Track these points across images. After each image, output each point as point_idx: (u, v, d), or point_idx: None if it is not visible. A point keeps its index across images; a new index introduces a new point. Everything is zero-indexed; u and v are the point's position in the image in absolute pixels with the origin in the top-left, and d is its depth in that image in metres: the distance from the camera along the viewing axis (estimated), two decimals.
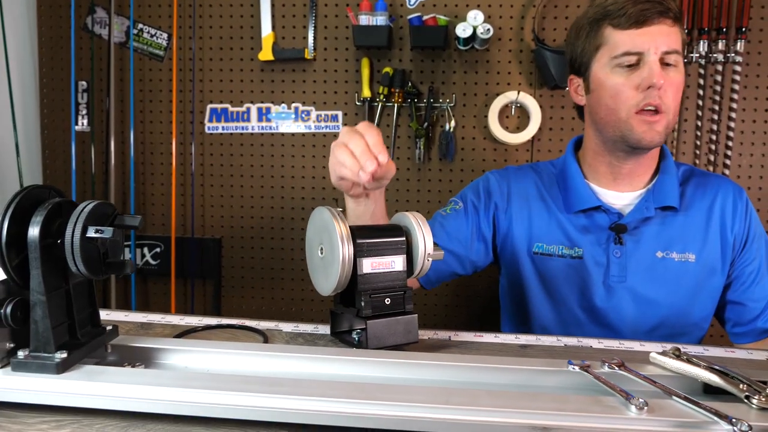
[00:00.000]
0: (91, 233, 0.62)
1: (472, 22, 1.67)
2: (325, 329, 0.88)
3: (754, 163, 1.85)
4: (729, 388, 0.56)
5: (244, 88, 1.88)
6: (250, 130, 1.89)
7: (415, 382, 0.65)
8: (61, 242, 0.62)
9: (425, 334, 0.86)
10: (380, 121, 1.84)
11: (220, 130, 1.90)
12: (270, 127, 1.89)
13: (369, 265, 0.76)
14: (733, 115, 1.82)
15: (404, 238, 0.79)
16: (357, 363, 0.68)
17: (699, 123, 1.84)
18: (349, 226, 0.74)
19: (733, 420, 0.49)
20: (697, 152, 1.84)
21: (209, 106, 1.89)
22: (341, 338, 0.83)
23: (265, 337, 0.85)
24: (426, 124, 1.80)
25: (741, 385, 0.56)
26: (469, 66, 1.81)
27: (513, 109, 1.81)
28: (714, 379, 0.58)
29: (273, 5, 1.82)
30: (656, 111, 0.97)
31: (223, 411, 0.56)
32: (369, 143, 0.80)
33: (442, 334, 0.87)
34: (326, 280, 0.77)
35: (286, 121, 1.88)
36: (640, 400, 0.52)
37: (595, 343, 0.85)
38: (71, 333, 0.67)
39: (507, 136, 1.79)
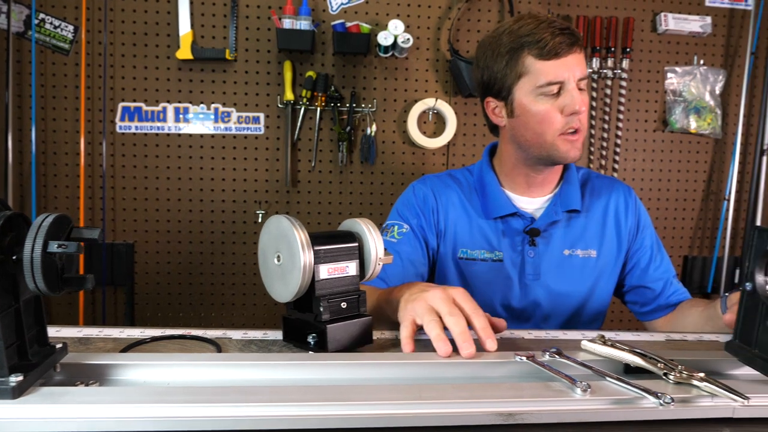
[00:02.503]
0: (54, 248, 0.60)
1: (393, 31, 1.73)
2: (275, 335, 0.89)
3: (637, 167, 2.08)
4: (649, 367, 0.66)
5: (159, 86, 1.81)
6: (166, 131, 1.83)
7: (379, 381, 0.68)
8: (16, 258, 0.60)
9: (375, 334, 0.90)
10: (303, 124, 1.85)
11: (133, 130, 1.82)
12: (187, 128, 1.84)
13: (326, 271, 0.79)
14: (620, 124, 2.04)
15: (357, 244, 0.83)
16: (321, 366, 0.70)
17: (593, 131, 2.04)
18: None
19: (658, 394, 0.59)
20: (591, 157, 2.04)
21: (121, 104, 1.81)
22: (296, 343, 0.85)
23: (217, 346, 0.84)
24: (348, 128, 1.85)
25: (659, 364, 0.66)
26: (389, 73, 1.88)
27: (430, 115, 1.91)
28: (637, 360, 0.68)
29: (192, 3, 1.78)
30: (576, 132, 1.08)
31: (201, 424, 0.56)
32: (476, 326, 0.74)
33: (389, 334, 0.92)
34: (285, 288, 0.79)
35: (205, 122, 1.84)
36: (583, 383, 0.60)
37: (525, 334, 0.94)
38: (21, 354, 0.63)
39: (425, 141, 1.88)
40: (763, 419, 0.62)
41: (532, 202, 1.21)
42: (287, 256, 0.77)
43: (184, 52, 1.77)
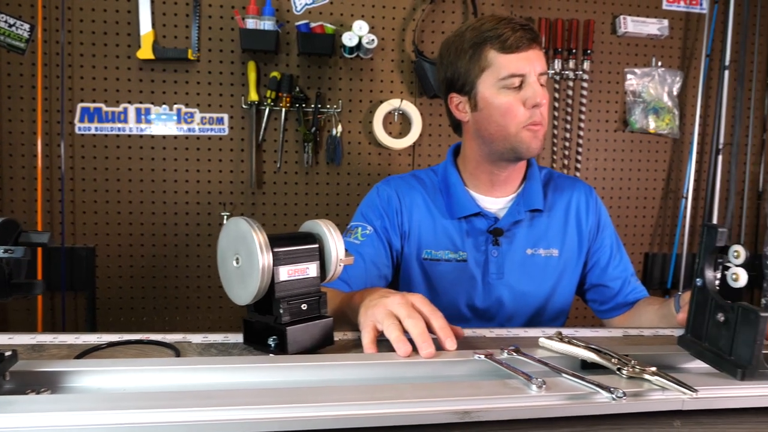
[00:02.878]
0: None
1: (358, 32, 1.73)
2: (236, 338, 0.88)
3: (598, 167, 2.12)
4: (604, 362, 0.68)
5: (120, 87, 1.78)
6: (127, 132, 1.80)
7: (340, 382, 0.68)
8: None
9: (336, 336, 0.90)
10: (268, 125, 1.84)
11: (93, 131, 1.78)
12: (149, 129, 1.81)
13: (286, 273, 0.79)
14: (582, 124, 2.08)
15: (317, 245, 0.83)
16: (281, 369, 0.70)
17: (555, 131, 2.07)
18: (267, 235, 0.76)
19: (611, 389, 0.60)
20: (554, 157, 2.08)
21: (80, 105, 1.77)
22: (256, 346, 0.85)
23: (176, 350, 0.83)
24: (314, 128, 1.84)
25: (612, 360, 0.68)
26: (354, 73, 1.88)
27: (396, 116, 1.91)
28: (591, 356, 0.69)
29: (152, 2, 1.75)
30: (538, 125, 1.11)
31: (155, 430, 0.55)
32: (435, 326, 0.75)
33: (352, 335, 0.92)
34: (244, 290, 0.78)
35: (168, 123, 1.81)
36: (539, 379, 0.61)
37: (487, 332, 0.95)
38: None
39: (391, 142, 1.88)
40: (710, 410, 0.64)
41: (495, 202, 1.22)
42: (246, 259, 0.77)
43: (145, 52, 1.74)
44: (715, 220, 2.17)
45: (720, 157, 2.12)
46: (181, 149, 1.83)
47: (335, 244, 0.82)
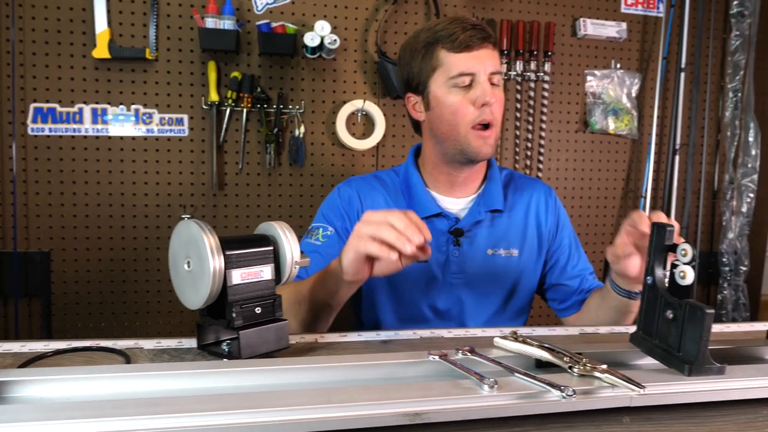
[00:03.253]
0: None
1: (320, 32, 1.72)
2: (190, 343, 0.86)
3: (560, 167, 2.16)
4: (556, 361, 0.68)
5: (75, 86, 1.73)
6: (83, 133, 1.75)
7: (293, 386, 0.68)
8: None
9: (293, 339, 0.89)
10: (229, 126, 1.81)
11: (46, 132, 1.72)
12: (106, 130, 1.76)
13: (239, 276, 0.78)
14: (544, 125, 2.11)
15: (272, 248, 0.81)
16: (232, 374, 0.68)
17: (517, 132, 2.10)
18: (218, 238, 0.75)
19: (561, 387, 0.61)
20: (517, 157, 2.10)
21: (32, 105, 1.71)
22: (210, 350, 0.83)
23: (126, 357, 0.81)
24: (276, 129, 1.82)
25: (564, 358, 0.68)
26: (317, 74, 1.87)
27: (359, 117, 1.91)
28: (544, 355, 0.70)
29: (108, 0, 1.70)
30: (488, 126, 1.11)
31: None
32: (413, 220, 0.83)
33: (309, 338, 0.91)
34: (195, 294, 0.77)
35: (125, 124, 1.76)
36: (491, 379, 0.61)
37: (445, 333, 0.95)
38: None
39: (354, 142, 1.88)
40: (658, 406, 0.65)
41: (456, 203, 1.23)
42: (197, 262, 0.75)
43: (101, 51, 1.69)
44: (673, 218, 2.22)
45: (677, 158, 2.18)
46: (139, 150, 1.79)
47: (290, 246, 0.81)
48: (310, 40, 1.71)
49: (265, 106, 1.81)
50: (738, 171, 2.32)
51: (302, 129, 1.85)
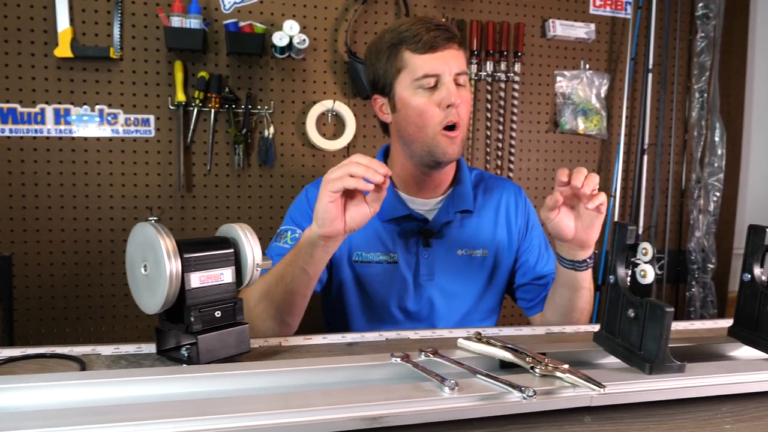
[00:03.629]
0: None
1: (289, 32, 1.70)
2: (149, 348, 0.84)
3: (531, 167, 2.17)
4: (518, 361, 0.68)
5: (36, 86, 1.68)
6: (45, 134, 1.70)
7: (252, 391, 0.66)
8: None
9: (256, 342, 0.87)
10: (196, 126, 1.78)
11: (7, 133, 1.67)
12: (70, 131, 1.71)
13: (197, 280, 0.76)
14: (514, 126, 2.12)
15: (232, 250, 0.80)
16: (189, 380, 0.67)
17: (488, 132, 2.10)
18: (176, 241, 0.73)
19: (522, 388, 0.60)
20: (488, 158, 2.11)
21: None
22: (169, 356, 0.81)
23: (82, 363, 0.79)
24: (245, 130, 1.80)
25: (527, 359, 0.68)
26: (286, 74, 1.85)
27: (329, 117, 1.89)
28: (507, 355, 0.70)
29: None
30: (454, 127, 1.10)
31: None
32: (370, 158, 0.88)
33: (273, 341, 0.89)
34: (152, 298, 0.75)
35: (89, 125, 1.72)
36: (452, 381, 0.61)
37: (412, 334, 0.94)
38: None
39: (324, 143, 1.86)
40: (617, 405, 0.65)
41: (425, 204, 1.22)
42: (153, 265, 0.73)
43: (63, 50, 1.65)
44: (642, 218, 2.25)
45: (645, 157, 2.21)
46: (104, 151, 1.74)
47: (251, 248, 0.80)
48: (279, 39, 1.69)
49: (234, 106, 1.78)
50: (705, 170, 2.36)
51: (272, 129, 1.83)
